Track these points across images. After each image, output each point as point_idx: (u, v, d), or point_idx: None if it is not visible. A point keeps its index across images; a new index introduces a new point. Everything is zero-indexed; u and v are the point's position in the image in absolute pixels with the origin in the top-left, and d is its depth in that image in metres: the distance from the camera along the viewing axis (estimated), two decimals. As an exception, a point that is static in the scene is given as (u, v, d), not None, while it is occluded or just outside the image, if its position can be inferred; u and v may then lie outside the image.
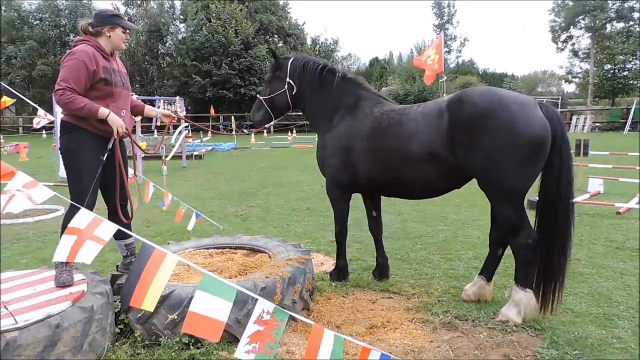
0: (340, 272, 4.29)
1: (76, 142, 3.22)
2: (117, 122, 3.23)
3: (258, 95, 4.40)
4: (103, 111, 3.15)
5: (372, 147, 3.75)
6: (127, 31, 3.43)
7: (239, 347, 1.81)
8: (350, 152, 3.88)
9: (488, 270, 3.74)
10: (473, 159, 3.22)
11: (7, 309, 2.56)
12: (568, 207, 3.24)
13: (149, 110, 3.85)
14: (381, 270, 4.31)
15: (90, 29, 3.31)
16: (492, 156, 3.14)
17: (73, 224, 1.95)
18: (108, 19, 3.32)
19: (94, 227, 1.96)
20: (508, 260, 4.04)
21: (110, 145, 3.33)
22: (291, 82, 4.18)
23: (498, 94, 3.25)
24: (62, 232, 3.23)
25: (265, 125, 4.44)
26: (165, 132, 4.68)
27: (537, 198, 3.37)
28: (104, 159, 3.30)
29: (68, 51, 3.25)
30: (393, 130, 3.63)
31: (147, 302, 1.83)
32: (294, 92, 4.20)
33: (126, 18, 3.50)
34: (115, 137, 3.29)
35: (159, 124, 4.13)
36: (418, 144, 3.46)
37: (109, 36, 3.32)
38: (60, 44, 37.06)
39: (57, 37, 37.09)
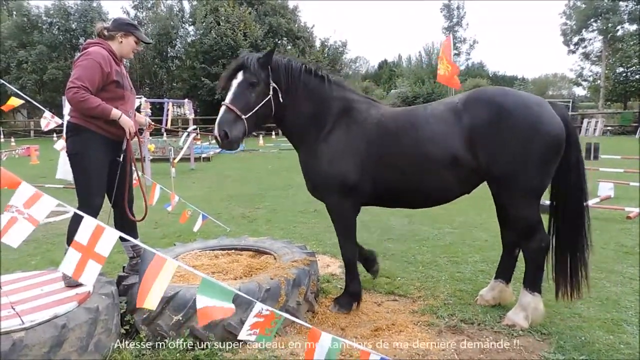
0: (353, 299, 3.71)
1: (82, 144, 3.27)
2: (129, 123, 3.32)
3: (227, 104, 3.37)
4: (116, 112, 3.23)
5: (380, 154, 3.40)
6: (139, 43, 3.53)
7: (241, 332, 1.96)
8: (355, 157, 3.43)
9: (505, 273, 3.71)
10: (496, 160, 3.14)
11: (14, 309, 2.60)
12: (585, 200, 3.35)
13: (138, 117, 3.90)
14: (370, 263, 4.25)
15: (105, 33, 3.41)
16: (518, 156, 3.11)
17: (78, 237, 1.96)
18: (124, 26, 3.45)
19: (96, 239, 1.96)
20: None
21: (124, 146, 3.42)
22: (276, 86, 3.44)
23: (517, 93, 3.28)
24: (68, 236, 3.27)
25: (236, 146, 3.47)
26: (145, 133, 4.69)
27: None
28: (121, 159, 3.40)
29: (82, 52, 3.31)
30: (405, 135, 3.35)
31: (149, 301, 1.86)
32: (280, 98, 3.46)
33: (137, 25, 3.59)
34: (128, 138, 3.38)
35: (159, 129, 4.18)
36: (437, 148, 3.24)
37: (121, 42, 3.43)
38: (71, 48, 37.38)
39: (67, 41, 37.41)
